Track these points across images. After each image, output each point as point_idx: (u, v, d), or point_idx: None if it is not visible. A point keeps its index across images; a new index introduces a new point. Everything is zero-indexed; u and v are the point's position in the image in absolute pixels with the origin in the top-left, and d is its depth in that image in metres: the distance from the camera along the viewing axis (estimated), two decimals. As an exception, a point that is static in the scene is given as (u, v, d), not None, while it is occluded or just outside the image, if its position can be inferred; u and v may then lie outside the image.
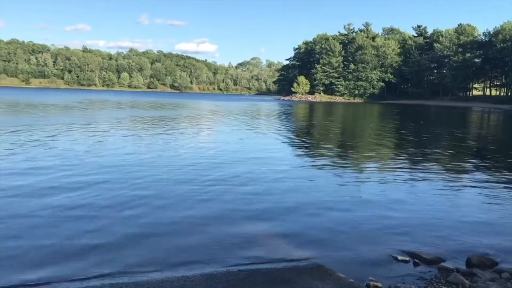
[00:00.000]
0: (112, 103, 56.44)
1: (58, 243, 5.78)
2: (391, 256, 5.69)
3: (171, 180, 9.74)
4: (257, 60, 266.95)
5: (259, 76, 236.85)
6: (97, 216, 6.97)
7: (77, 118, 28.29)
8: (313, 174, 11.27)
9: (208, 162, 12.40)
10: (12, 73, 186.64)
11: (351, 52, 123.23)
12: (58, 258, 5.32)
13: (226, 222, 6.86)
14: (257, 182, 9.93)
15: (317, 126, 31.39)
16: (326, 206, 8.07)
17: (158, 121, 28.23)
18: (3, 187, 8.54)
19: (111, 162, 11.79)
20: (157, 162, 12.00)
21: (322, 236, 6.40)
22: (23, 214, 6.92)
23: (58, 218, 6.81)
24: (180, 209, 7.47)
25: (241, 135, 20.69)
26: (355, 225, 7.00)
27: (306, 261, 5.44)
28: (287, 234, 6.45)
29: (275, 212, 7.51)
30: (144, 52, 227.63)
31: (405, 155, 15.54)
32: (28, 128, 19.62)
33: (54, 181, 9.26)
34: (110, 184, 9.15)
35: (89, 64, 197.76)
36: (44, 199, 7.83)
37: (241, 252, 5.66)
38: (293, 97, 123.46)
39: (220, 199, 8.22)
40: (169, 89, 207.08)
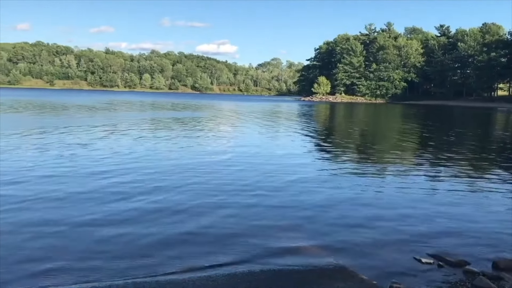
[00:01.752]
0: (137, 104, 57.07)
1: (85, 243, 5.88)
2: (415, 258, 5.60)
3: (196, 184, 9.74)
4: (277, 60, 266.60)
5: (280, 77, 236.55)
6: (119, 217, 7.07)
7: (111, 120, 28.69)
8: (333, 176, 11.18)
9: (230, 165, 12.44)
10: (37, 75, 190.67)
11: (373, 52, 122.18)
12: (83, 257, 5.40)
13: (247, 225, 6.85)
14: (278, 184, 9.91)
15: (338, 127, 31.19)
16: (347, 208, 8.01)
17: (185, 122, 28.44)
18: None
19: (154, 164, 11.95)
20: (184, 166, 12.06)
21: (344, 238, 6.34)
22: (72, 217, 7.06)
23: (95, 216, 6.93)
24: (202, 211, 7.47)
25: (263, 137, 20.67)
26: (378, 227, 6.91)
27: (328, 263, 5.40)
28: (309, 236, 6.41)
29: (296, 215, 7.47)
30: (166, 53, 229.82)
31: (428, 157, 15.32)
32: (76, 129, 20.08)
33: (86, 182, 9.43)
34: (141, 187, 9.26)
35: (111, 65, 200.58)
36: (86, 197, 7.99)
37: (263, 253, 5.65)
38: (313, 97, 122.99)
39: (241, 202, 8.21)
40: (190, 90, 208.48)
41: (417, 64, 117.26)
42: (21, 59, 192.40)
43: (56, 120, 26.45)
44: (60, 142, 15.55)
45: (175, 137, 18.83)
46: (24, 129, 19.68)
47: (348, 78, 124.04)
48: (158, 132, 21.08)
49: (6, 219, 6.64)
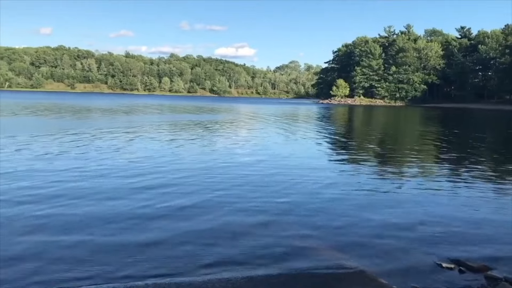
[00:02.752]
0: (158, 108, 57.52)
1: (105, 242, 5.97)
2: (435, 263, 5.54)
3: (216, 186, 9.82)
4: (295, 63, 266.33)
5: (298, 80, 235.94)
6: (138, 218, 7.15)
7: (137, 123, 29.05)
8: (352, 180, 11.12)
9: (249, 167, 12.48)
10: (58, 78, 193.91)
11: (392, 55, 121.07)
12: (103, 257, 5.48)
13: (266, 227, 6.86)
14: (296, 187, 9.91)
15: (358, 130, 31.01)
16: (366, 211, 7.96)
17: (207, 125, 28.61)
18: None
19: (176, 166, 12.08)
20: (211, 169, 12.14)
21: (363, 241, 6.31)
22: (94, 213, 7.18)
23: (111, 218, 7.04)
24: (221, 213, 7.51)
25: (282, 140, 20.64)
26: (397, 230, 6.85)
27: (347, 267, 5.37)
28: (327, 239, 6.40)
29: (314, 218, 7.46)
30: (185, 57, 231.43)
31: (448, 160, 15.12)
32: (107, 132, 20.46)
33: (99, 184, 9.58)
34: (162, 189, 9.37)
35: (131, 69, 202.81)
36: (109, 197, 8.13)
37: (282, 256, 5.65)
38: (332, 100, 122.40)
39: (260, 205, 8.23)
40: (209, 93, 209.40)
41: (437, 67, 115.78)
42: (43, 63, 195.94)
43: (84, 123, 26.94)
44: (95, 146, 15.73)
45: (201, 140, 18.92)
46: (59, 132, 20.14)
47: (366, 81, 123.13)
48: (184, 135, 21.16)
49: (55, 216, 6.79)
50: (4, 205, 7.57)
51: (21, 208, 7.45)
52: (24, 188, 8.88)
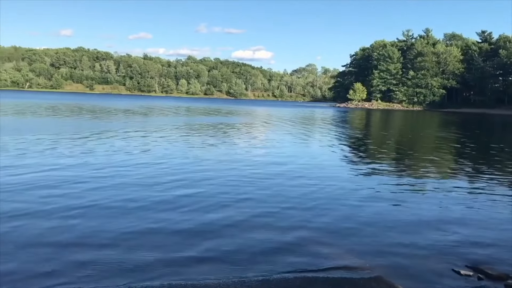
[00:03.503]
0: (177, 110, 57.89)
1: (122, 241, 6.04)
2: (453, 270, 5.48)
3: (238, 189, 9.86)
4: (312, 66, 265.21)
5: (314, 83, 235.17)
6: (152, 218, 7.22)
7: (158, 124, 29.33)
8: (369, 186, 11.06)
9: (268, 171, 12.52)
10: (77, 79, 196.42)
11: (410, 59, 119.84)
12: (120, 256, 5.55)
13: (282, 231, 6.86)
14: (314, 192, 9.89)
15: (377, 134, 30.80)
16: (383, 217, 7.92)
17: (227, 128, 28.72)
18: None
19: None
20: (230, 174, 12.20)
21: (380, 247, 6.27)
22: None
23: (127, 220, 7.12)
24: (241, 218, 7.50)
25: (301, 144, 20.61)
26: (415, 236, 6.80)
27: (364, 271, 5.35)
28: (344, 244, 6.38)
29: (331, 223, 7.45)
30: (202, 59, 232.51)
31: (466, 166, 14.95)
32: (132, 134, 20.70)
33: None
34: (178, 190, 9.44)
35: (149, 71, 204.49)
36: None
37: (297, 260, 5.65)
38: (349, 104, 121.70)
39: (277, 210, 8.24)
40: (225, 95, 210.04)
41: (456, 71, 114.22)
42: (63, 64, 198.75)
43: (109, 124, 27.30)
44: (121, 147, 15.94)
45: (221, 143, 18.93)
46: (88, 132, 20.52)
47: (384, 85, 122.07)
48: (206, 137, 21.27)
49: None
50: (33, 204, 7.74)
51: (60, 206, 7.60)
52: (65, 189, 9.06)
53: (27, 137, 17.54)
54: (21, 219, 6.86)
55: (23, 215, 7.06)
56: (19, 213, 7.14)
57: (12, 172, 10.14)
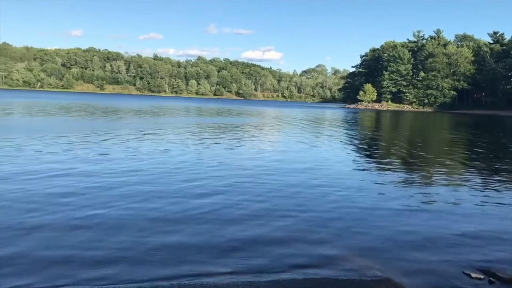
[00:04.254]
0: (188, 110, 58.10)
1: (136, 241, 6.08)
2: (464, 272, 5.43)
3: (251, 191, 9.86)
4: (322, 67, 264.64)
5: (324, 84, 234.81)
6: (166, 219, 7.26)
7: (172, 124, 29.48)
8: (379, 186, 11.01)
9: (277, 174, 12.49)
10: (88, 79, 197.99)
11: (421, 60, 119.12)
12: (131, 257, 5.59)
13: (291, 232, 6.85)
14: (322, 193, 9.87)
15: (387, 135, 30.65)
16: (393, 218, 7.88)
17: (238, 129, 28.76)
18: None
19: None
20: (239, 172, 12.22)
21: (389, 248, 6.25)
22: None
23: (141, 220, 7.16)
24: (254, 219, 7.50)
25: (307, 145, 20.55)
26: (425, 238, 6.76)
27: (373, 273, 5.33)
28: (354, 246, 6.35)
29: (340, 224, 7.42)
30: (212, 60, 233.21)
31: (477, 168, 14.80)
32: (148, 134, 20.91)
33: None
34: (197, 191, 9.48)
35: (159, 71, 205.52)
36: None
37: (307, 262, 5.63)
38: (358, 105, 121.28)
39: (286, 213, 8.24)
40: (234, 96, 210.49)
41: (467, 73, 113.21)
42: (74, 64, 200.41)
43: (119, 124, 27.51)
44: (137, 148, 15.99)
45: (233, 144, 18.91)
46: (104, 133, 20.69)
47: (394, 86, 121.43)
48: (221, 138, 21.25)
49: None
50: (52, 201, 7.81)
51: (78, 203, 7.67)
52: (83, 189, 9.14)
53: (45, 137, 17.75)
54: (45, 224, 6.91)
55: (47, 219, 7.12)
56: (43, 217, 7.20)
57: (33, 177, 10.10)
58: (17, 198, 8.07)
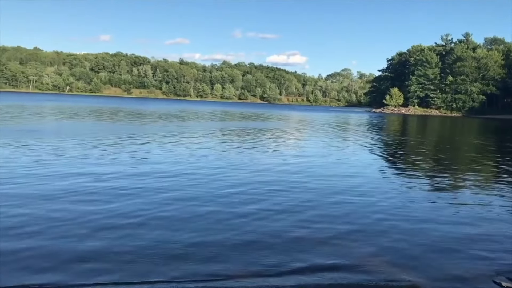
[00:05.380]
0: (215, 114, 58.49)
1: (140, 246, 6.16)
2: (494, 281, 5.31)
3: (276, 196, 9.85)
4: (347, 71, 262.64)
5: (349, 88, 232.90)
6: (191, 221, 7.33)
7: (202, 128, 29.84)
8: (406, 191, 10.89)
9: (301, 178, 12.46)
10: (115, 83, 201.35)
11: (449, 64, 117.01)
12: (147, 259, 5.66)
13: (318, 236, 6.83)
14: (349, 196, 9.82)
15: (415, 140, 30.24)
16: (421, 224, 7.75)
17: (268, 133, 28.86)
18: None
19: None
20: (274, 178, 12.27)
21: (417, 254, 6.15)
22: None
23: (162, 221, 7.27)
24: (281, 224, 7.48)
25: (339, 150, 20.43)
26: (453, 244, 6.64)
27: (399, 280, 5.26)
28: (380, 251, 6.28)
29: (367, 229, 7.36)
30: (236, 64, 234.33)
31: (506, 174, 14.46)
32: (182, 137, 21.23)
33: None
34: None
35: (185, 75, 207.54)
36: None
37: (332, 266, 5.60)
38: (385, 109, 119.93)
39: (310, 214, 8.23)
40: (259, 100, 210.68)
41: (497, 77, 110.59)
42: (102, 69, 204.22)
43: (158, 128, 28.04)
44: (177, 151, 16.31)
45: (271, 149, 19.00)
46: (138, 136, 21.12)
47: (422, 90, 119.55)
48: (255, 142, 21.50)
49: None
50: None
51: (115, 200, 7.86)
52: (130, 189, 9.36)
53: (86, 140, 18.25)
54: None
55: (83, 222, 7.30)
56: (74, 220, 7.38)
57: (76, 181, 10.19)
58: (80, 198, 8.40)
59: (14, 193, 8.62)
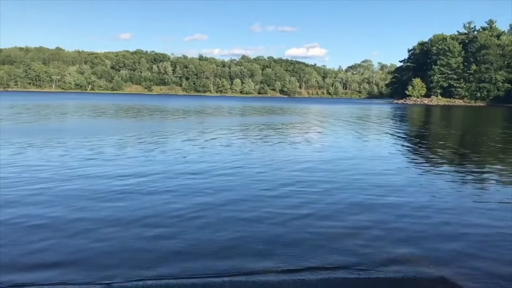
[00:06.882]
0: (235, 109, 58.67)
1: (178, 240, 6.23)
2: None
3: (301, 193, 9.85)
4: (368, 62, 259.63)
5: (370, 79, 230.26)
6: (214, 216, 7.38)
7: (226, 123, 30.02)
8: (432, 184, 10.74)
9: (326, 172, 12.42)
10: (136, 81, 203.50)
11: (472, 52, 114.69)
12: (167, 255, 5.73)
13: (344, 230, 6.81)
14: (375, 190, 9.75)
15: (441, 132, 29.78)
16: (449, 216, 7.65)
17: (291, 127, 28.84)
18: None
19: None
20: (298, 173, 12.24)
21: (444, 248, 6.07)
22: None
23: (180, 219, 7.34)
24: (308, 218, 7.46)
25: (362, 143, 20.28)
26: (482, 238, 6.53)
27: (427, 272, 5.20)
28: (407, 244, 6.21)
29: (393, 222, 7.30)
30: (255, 58, 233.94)
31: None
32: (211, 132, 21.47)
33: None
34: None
35: (204, 71, 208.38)
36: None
37: (358, 260, 5.57)
38: (407, 100, 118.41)
39: (337, 206, 8.20)
40: (279, 94, 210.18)
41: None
42: (122, 67, 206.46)
43: (186, 125, 28.34)
44: (209, 147, 16.46)
45: (302, 143, 18.89)
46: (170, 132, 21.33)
47: (445, 80, 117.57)
48: (284, 136, 21.50)
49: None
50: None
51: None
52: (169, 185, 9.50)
53: (122, 138, 18.61)
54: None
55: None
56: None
57: (112, 183, 10.13)
58: (123, 197, 8.49)
59: (73, 194, 8.74)
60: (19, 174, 10.40)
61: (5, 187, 9.01)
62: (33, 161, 12.24)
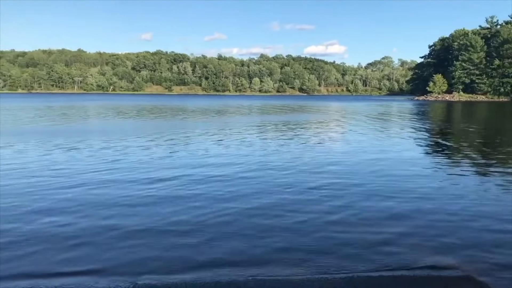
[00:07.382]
0: (255, 108, 58.72)
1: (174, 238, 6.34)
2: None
3: (322, 191, 9.94)
4: (388, 59, 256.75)
5: (391, 76, 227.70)
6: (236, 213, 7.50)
7: (251, 122, 30.24)
8: (455, 184, 10.60)
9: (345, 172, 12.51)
10: (157, 81, 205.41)
11: (495, 47, 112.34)
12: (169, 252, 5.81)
13: (366, 227, 6.81)
14: (397, 189, 9.74)
15: (467, 130, 29.41)
16: (473, 214, 7.54)
17: (312, 126, 28.85)
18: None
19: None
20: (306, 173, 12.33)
21: (470, 243, 6.03)
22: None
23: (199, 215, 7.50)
24: (329, 218, 7.45)
25: (381, 143, 20.21)
26: (508, 236, 6.46)
27: (452, 270, 5.16)
28: (432, 242, 6.16)
29: (418, 219, 7.25)
30: (274, 57, 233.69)
31: None
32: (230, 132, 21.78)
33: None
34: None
35: (223, 71, 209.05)
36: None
37: (381, 258, 5.56)
38: (428, 96, 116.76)
39: (358, 202, 8.24)
40: (298, 92, 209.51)
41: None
42: (143, 67, 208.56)
43: (211, 125, 28.57)
44: (235, 147, 16.62)
45: (325, 143, 18.83)
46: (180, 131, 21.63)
47: (467, 76, 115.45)
48: (308, 135, 21.51)
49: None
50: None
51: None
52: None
53: (153, 138, 18.85)
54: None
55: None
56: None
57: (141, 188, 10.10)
58: (159, 199, 8.61)
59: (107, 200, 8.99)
60: (50, 179, 10.46)
61: (38, 194, 9.07)
62: (62, 165, 12.33)
